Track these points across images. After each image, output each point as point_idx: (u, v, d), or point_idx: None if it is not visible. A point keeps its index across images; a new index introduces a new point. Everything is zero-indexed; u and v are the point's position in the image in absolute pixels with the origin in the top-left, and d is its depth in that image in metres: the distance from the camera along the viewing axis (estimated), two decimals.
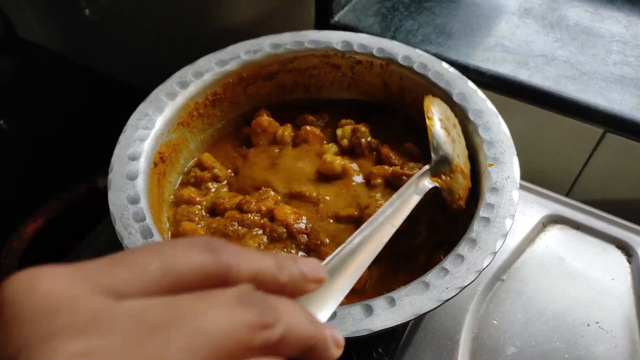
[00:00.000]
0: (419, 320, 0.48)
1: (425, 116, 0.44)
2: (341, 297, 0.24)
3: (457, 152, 0.44)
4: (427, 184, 0.41)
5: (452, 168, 0.43)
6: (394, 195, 0.37)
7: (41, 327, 0.13)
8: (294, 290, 0.19)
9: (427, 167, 0.42)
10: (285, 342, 0.16)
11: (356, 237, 0.29)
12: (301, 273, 0.19)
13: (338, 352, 0.19)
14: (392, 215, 0.35)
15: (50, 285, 0.15)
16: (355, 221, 0.46)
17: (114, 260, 0.16)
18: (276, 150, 0.54)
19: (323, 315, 0.23)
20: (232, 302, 0.15)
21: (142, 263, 0.15)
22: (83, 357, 0.13)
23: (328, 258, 0.27)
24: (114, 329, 0.13)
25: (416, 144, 0.53)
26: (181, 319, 0.14)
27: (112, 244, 0.53)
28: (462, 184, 0.43)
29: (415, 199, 0.39)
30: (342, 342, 0.19)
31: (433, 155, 0.43)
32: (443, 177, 0.42)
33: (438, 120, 0.44)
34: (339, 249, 0.28)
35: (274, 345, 0.15)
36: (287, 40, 0.55)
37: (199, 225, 0.46)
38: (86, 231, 0.57)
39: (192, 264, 0.16)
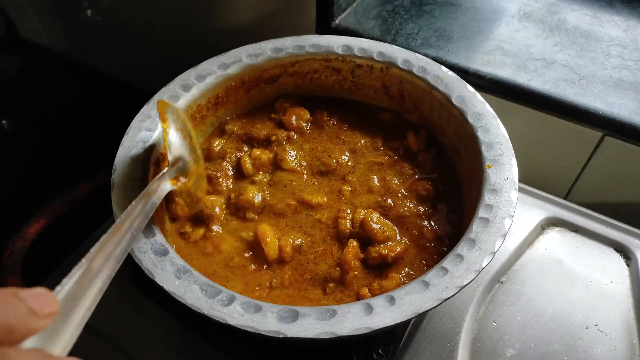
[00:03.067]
0: (418, 321, 0.49)
1: (160, 118, 0.43)
2: (83, 321, 0.23)
3: (193, 156, 0.44)
4: (166, 187, 0.39)
5: (190, 171, 0.42)
6: (133, 203, 0.35)
7: None
8: (26, 332, 0.18)
9: (164, 171, 0.41)
10: None
11: (95, 252, 0.28)
12: (30, 310, 0.18)
13: None
14: (135, 223, 0.33)
15: None
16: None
17: None
18: None
19: (63, 348, 0.21)
20: None
21: None
22: None
23: (63, 280, 0.25)
24: None
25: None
26: None
27: None
28: (200, 186, 0.43)
29: (154, 204, 0.37)
30: None
31: (170, 158, 0.42)
32: (181, 179, 0.41)
33: (172, 122, 0.43)
34: (74, 269, 0.26)
35: None
36: (288, 45, 0.56)
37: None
38: (89, 231, 0.57)
39: None
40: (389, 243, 0.45)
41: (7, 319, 0.17)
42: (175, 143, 0.42)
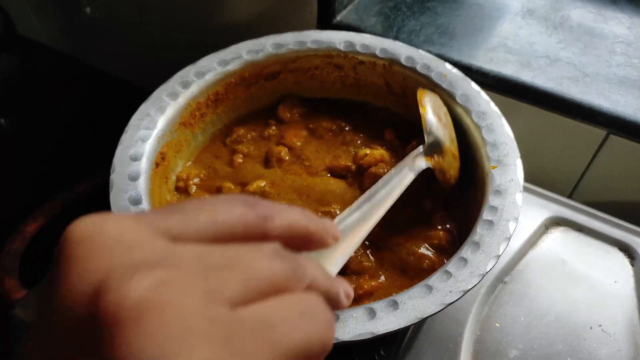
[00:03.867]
0: (420, 322, 0.48)
1: (419, 104, 0.47)
2: (346, 258, 0.28)
3: (447, 137, 0.47)
4: (422, 164, 0.44)
5: (444, 150, 0.45)
6: (392, 171, 0.40)
7: (121, 260, 0.16)
8: (320, 242, 0.21)
9: (421, 147, 0.45)
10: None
11: (357, 209, 0.33)
12: (325, 227, 0.22)
13: (347, 303, 0.22)
14: (390, 191, 0.38)
15: (118, 226, 0.17)
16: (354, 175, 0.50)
17: (169, 211, 0.18)
18: None
19: (334, 270, 0.26)
20: (271, 256, 0.18)
21: (192, 214, 0.18)
22: (161, 286, 0.15)
23: (336, 220, 0.30)
24: (182, 266, 0.16)
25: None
26: (234, 263, 0.17)
27: None
28: (452, 164, 0.46)
29: (410, 177, 0.42)
30: (352, 294, 0.22)
31: (426, 138, 0.45)
32: (436, 157, 0.45)
33: (430, 108, 0.47)
34: (344, 213, 0.31)
35: None
36: (289, 40, 0.55)
37: None
38: None
39: (235, 216, 0.19)
40: (366, 276, 0.43)
41: (311, 226, 0.21)
42: (431, 125, 0.46)
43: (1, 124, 0.87)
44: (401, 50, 0.54)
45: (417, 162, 0.43)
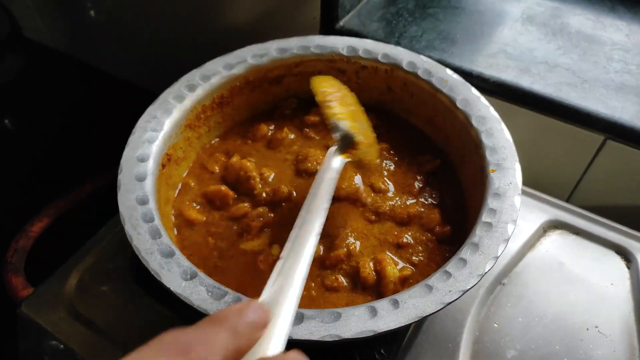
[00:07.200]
0: (420, 322, 0.49)
1: (316, 99, 0.46)
2: (290, 319, 0.26)
3: (355, 125, 0.46)
4: (338, 163, 0.43)
5: (356, 141, 0.45)
6: (314, 184, 0.39)
7: None
8: (251, 344, 0.22)
9: (332, 148, 0.44)
10: None
11: (289, 248, 0.32)
12: (250, 325, 0.22)
13: None
14: (322, 201, 0.37)
15: None
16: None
17: None
18: None
19: (279, 344, 0.24)
20: None
21: None
22: None
23: (269, 283, 0.28)
24: None
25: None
26: None
27: (116, 244, 0.54)
28: (369, 152, 0.46)
29: (334, 180, 0.41)
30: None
31: (334, 135, 0.45)
32: (351, 151, 0.45)
33: (331, 101, 0.46)
34: (278, 266, 0.30)
35: None
36: (293, 45, 0.56)
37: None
38: (92, 231, 0.58)
39: None
40: None
41: (239, 341, 0.21)
42: (335, 122, 0.45)
43: (5, 124, 0.87)
44: (403, 55, 0.55)
45: (334, 163, 0.42)
